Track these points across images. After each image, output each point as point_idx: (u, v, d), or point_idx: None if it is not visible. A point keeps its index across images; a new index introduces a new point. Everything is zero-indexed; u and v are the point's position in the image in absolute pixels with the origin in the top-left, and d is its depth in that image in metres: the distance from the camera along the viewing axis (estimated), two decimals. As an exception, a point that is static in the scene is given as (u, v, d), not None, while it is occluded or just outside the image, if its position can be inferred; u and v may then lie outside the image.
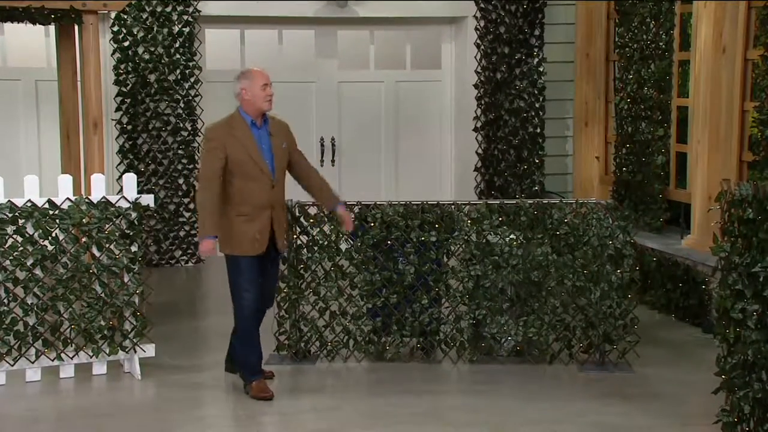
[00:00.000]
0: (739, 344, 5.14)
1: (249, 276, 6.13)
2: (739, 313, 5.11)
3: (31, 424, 5.95)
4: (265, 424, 5.86)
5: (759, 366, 5.09)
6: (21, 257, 6.44)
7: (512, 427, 5.76)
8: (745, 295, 5.09)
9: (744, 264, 5.10)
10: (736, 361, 5.19)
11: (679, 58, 9.15)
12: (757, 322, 5.05)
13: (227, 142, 6.04)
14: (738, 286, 5.12)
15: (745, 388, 5.17)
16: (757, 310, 5.06)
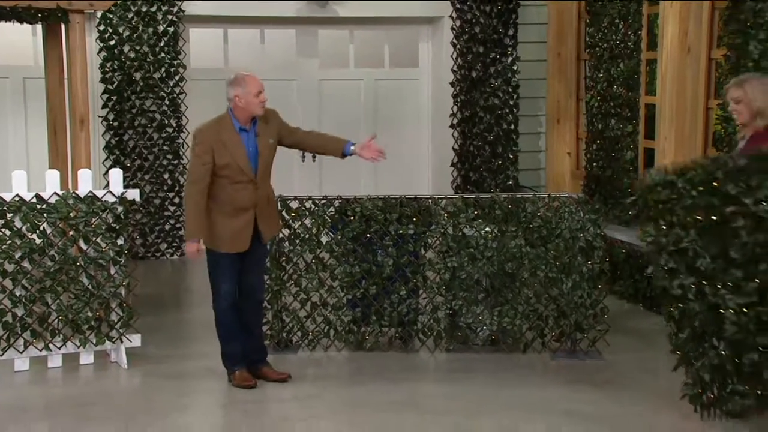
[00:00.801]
0: (685, 318, 5.27)
1: (227, 271, 6.10)
2: (678, 289, 5.25)
3: (19, 412, 5.91)
4: (248, 411, 5.84)
5: (708, 334, 5.22)
6: (9, 250, 6.41)
7: (487, 413, 5.77)
8: (680, 272, 5.23)
9: (671, 242, 5.24)
10: (687, 335, 5.32)
11: (647, 57, 9.18)
12: (695, 294, 5.19)
13: (214, 146, 5.99)
14: (671, 265, 5.25)
15: (701, 359, 5.29)
16: (693, 282, 5.20)
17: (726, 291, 5.14)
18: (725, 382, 5.28)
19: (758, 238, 5.03)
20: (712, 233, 5.16)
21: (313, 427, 5.63)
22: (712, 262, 5.18)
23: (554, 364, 6.75)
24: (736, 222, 5.08)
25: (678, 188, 5.20)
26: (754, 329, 5.10)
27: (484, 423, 5.62)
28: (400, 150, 11.22)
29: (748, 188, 5.04)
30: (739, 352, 5.19)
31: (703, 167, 5.19)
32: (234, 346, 6.24)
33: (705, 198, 5.15)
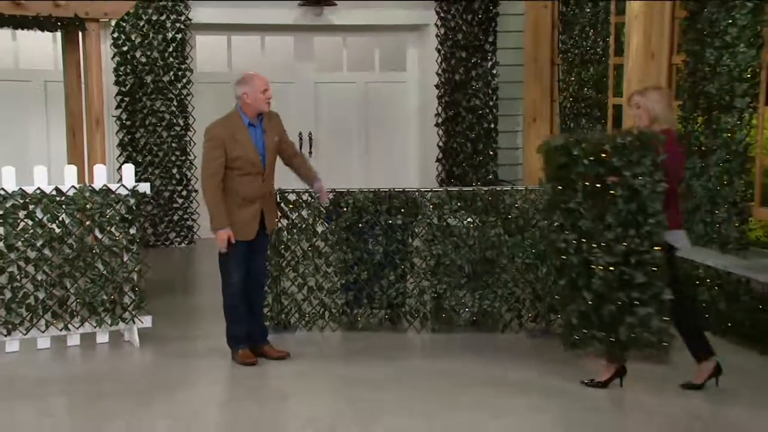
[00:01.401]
0: (565, 269, 5.53)
1: (238, 259, 6.08)
2: (562, 243, 5.51)
3: (41, 386, 5.90)
4: (250, 386, 5.85)
5: (580, 286, 5.49)
6: (31, 239, 6.40)
7: (469, 387, 5.78)
8: (565, 228, 5.50)
9: (562, 202, 5.51)
10: (564, 283, 5.57)
11: (614, 62, 9.19)
12: (575, 249, 5.47)
13: (226, 141, 5.97)
14: (560, 221, 5.53)
15: (572, 305, 5.54)
16: (574, 239, 5.47)
17: (599, 250, 5.41)
18: (588, 325, 5.53)
19: (631, 207, 5.35)
20: (595, 198, 5.43)
21: (311, 400, 5.62)
22: (591, 223, 5.44)
23: (530, 342, 6.76)
24: (615, 190, 5.37)
25: (573, 155, 5.46)
26: (616, 286, 5.39)
27: (467, 396, 5.62)
28: (389, 147, 11.25)
29: (629, 162, 5.33)
30: (601, 304, 5.45)
31: (596, 140, 5.48)
32: (239, 328, 6.24)
33: (593, 167, 5.41)
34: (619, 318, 5.44)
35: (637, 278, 5.39)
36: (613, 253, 5.39)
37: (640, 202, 5.38)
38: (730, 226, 7.30)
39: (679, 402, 5.52)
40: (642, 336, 5.44)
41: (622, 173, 5.35)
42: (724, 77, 7.26)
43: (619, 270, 5.40)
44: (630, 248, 5.39)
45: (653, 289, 5.42)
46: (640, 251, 5.40)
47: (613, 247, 5.39)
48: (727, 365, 6.20)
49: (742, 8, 7.08)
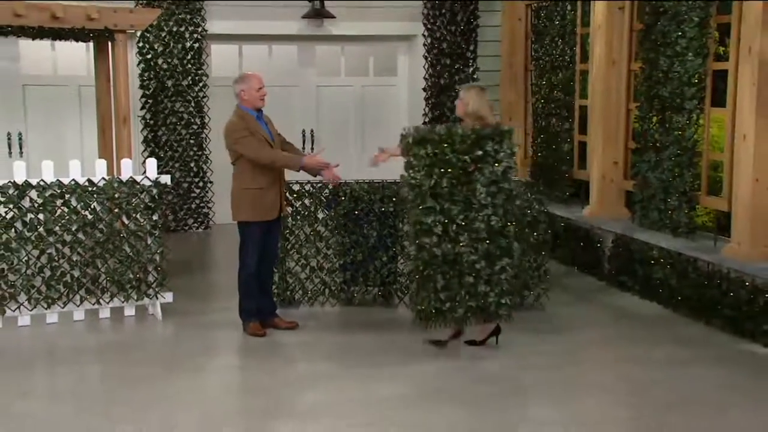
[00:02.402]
0: (427, 248, 5.54)
1: (256, 243, 6.10)
2: (431, 224, 5.52)
3: (78, 353, 5.94)
4: (261, 354, 5.88)
5: (443, 262, 5.55)
6: (67, 224, 6.42)
7: (453, 353, 5.83)
8: (433, 210, 5.51)
9: (430, 186, 5.51)
10: (426, 261, 5.57)
11: (580, 68, 9.22)
12: (441, 230, 5.52)
13: (250, 129, 6.00)
14: (427, 204, 5.51)
15: (432, 281, 5.58)
16: (440, 220, 5.51)
17: (461, 229, 5.53)
18: (440, 299, 5.61)
19: (491, 189, 5.54)
20: (459, 183, 5.53)
21: (314, 367, 5.66)
22: (455, 206, 5.53)
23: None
24: (475, 176, 5.53)
25: (441, 146, 5.52)
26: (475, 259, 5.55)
27: (450, 362, 5.66)
28: (382, 143, 11.14)
29: (493, 151, 5.54)
30: (461, 276, 5.57)
31: (461, 133, 5.56)
32: (250, 303, 6.26)
33: (456, 156, 5.52)
34: (478, 288, 5.59)
35: (494, 251, 5.57)
36: (474, 230, 5.53)
37: (499, 185, 5.56)
38: (680, 212, 7.36)
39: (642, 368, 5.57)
40: (499, 302, 5.62)
41: (485, 161, 5.52)
42: (676, 82, 7.30)
43: (478, 245, 5.55)
44: (489, 225, 5.56)
45: (507, 257, 5.62)
46: (498, 229, 5.58)
47: (474, 225, 5.54)
48: (677, 335, 6.28)
49: (690, 22, 7.12)
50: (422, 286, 5.63)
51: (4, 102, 9.88)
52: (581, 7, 9.13)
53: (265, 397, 5.09)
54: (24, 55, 9.86)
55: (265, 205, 6.09)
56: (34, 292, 6.38)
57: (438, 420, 4.70)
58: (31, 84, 9.98)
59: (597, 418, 4.76)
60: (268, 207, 6.10)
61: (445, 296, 5.60)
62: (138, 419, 4.73)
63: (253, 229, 6.11)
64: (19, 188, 6.25)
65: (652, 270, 7.14)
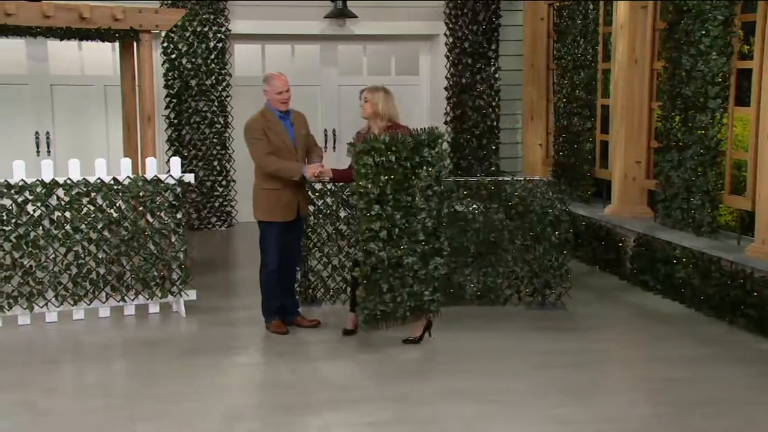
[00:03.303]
0: (375, 253, 5.65)
1: (276, 240, 6.11)
2: (377, 229, 5.64)
3: (104, 349, 6.00)
4: (282, 352, 5.90)
5: (388, 265, 5.70)
6: (93, 222, 6.47)
7: (475, 352, 5.83)
8: (381, 217, 5.64)
9: (376, 194, 5.63)
10: (374, 265, 5.69)
11: (603, 67, 9.17)
12: (386, 235, 5.66)
13: (266, 130, 6.01)
14: (375, 211, 5.62)
15: (376, 285, 5.72)
16: (385, 225, 5.65)
17: (401, 232, 5.69)
18: (394, 299, 5.75)
19: (425, 193, 5.69)
20: (401, 189, 5.67)
21: (336, 364, 5.67)
22: (397, 211, 5.66)
23: (528, 314, 6.80)
24: (414, 182, 5.68)
25: (385, 153, 5.62)
26: (413, 260, 5.72)
27: (473, 361, 5.67)
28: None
29: (423, 158, 5.68)
30: (403, 277, 5.74)
31: (402, 140, 5.68)
32: (273, 301, 6.28)
33: (398, 162, 5.64)
34: (415, 287, 5.77)
35: (428, 252, 5.75)
36: (413, 232, 5.69)
37: (433, 188, 5.72)
38: (703, 212, 7.30)
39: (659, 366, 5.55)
40: (432, 299, 5.82)
41: (421, 166, 5.67)
42: (699, 81, 7.24)
43: (416, 246, 5.71)
44: (425, 227, 5.72)
45: (439, 256, 5.80)
46: (431, 230, 5.75)
47: (413, 228, 5.70)
48: (700, 334, 6.24)
49: (714, 21, 7.05)
50: (370, 290, 5.76)
51: (33, 102, 9.99)
52: (604, 6, 9.08)
53: (286, 393, 5.11)
54: (52, 55, 9.96)
55: (282, 206, 6.09)
56: (61, 288, 6.45)
57: (451, 415, 4.70)
58: (58, 84, 10.08)
59: (620, 417, 4.73)
60: (284, 208, 6.09)
61: (389, 298, 5.76)
62: (162, 414, 4.76)
63: (272, 228, 6.12)
64: (46, 186, 6.32)
65: (674, 269, 7.09)
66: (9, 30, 7.06)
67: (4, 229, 6.24)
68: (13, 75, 9.91)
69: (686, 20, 7.35)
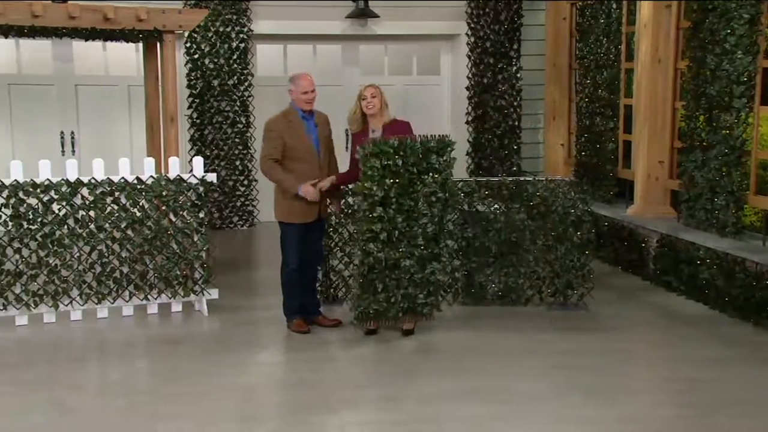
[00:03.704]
0: (374, 254, 5.73)
1: (296, 240, 6.12)
2: (377, 231, 5.76)
3: (128, 347, 6.06)
4: (303, 350, 5.92)
5: (385, 266, 5.82)
6: (117, 221, 6.52)
7: (497, 353, 5.82)
8: (383, 219, 5.78)
9: (380, 197, 5.76)
10: (370, 265, 5.82)
11: (625, 67, 9.12)
12: (386, 237, 5.80)
13: (284, 131, 6.02)
14: (377, 212, 5.77)
15: (372, 284, 5.87)
16: (385, 227, 5.78)
17: (401, 236, 5.82)
18: (388, 299, 5.92)
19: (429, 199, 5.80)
20: (405, 193, 5.79)
21: (357, 363, 5.68)
22: (399, 214, 5.80)
23: (550, 314, 6.77)
24: (418, 187, 5.80)
25: (392, 157, 5.73)
26: (411, 263, 5.85)
27: (494, 361, 5.66)
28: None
29: (430, 164, 5.78)
30: (399, 279, 5.88)
31: (410, 145, 5.78)
32: (294, 301, 6.30)
33: (405, 167, 5.76)
34: (409, 290, 5.91)
35: (427, 257, 5.88)
36: (413, 236, 5.82)
37: (437, 195, 5.81)
38: (727, 212, 7.24)
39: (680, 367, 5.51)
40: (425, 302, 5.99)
41: (428, 172, 5.79)
42: (724, 80, 7.18)
43: (415, 251, 5.84)
44: (426, 233, 5.84)
45: (437, 262, 5.92)
46: (432, 236, 5.86)
47: (413, 232, 5.83)
48: (724, 335, 6.19)
49: (739, 19, 7.00)
50: (364, 289, 5.89)
51: (58, 102, 10.10)
52: (627, 5, 9.03)
53: (307, 392, 5.13)
54: (77, 56, 10.06)
55: (301, 208, 6.08)
56: (85, 287, 6.51)
57: (471, 414, 4.69)
58: (83, 84, 10.18)
59: (642, 418, 4.70)
60: (303, 209, 6.09)
61: (383, 298, 5.91)
62: (183, 412, 4.79)
63: (291, 228, 6.13)
64: (71, 186, 6.38)
65: (698, 270, 7.04)
66: (36, 31, 7.14)
67: (30, 228, 6.30)
68: (39, 75, 10.03)
69: (711, 19, 7.29)
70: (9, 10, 6.94)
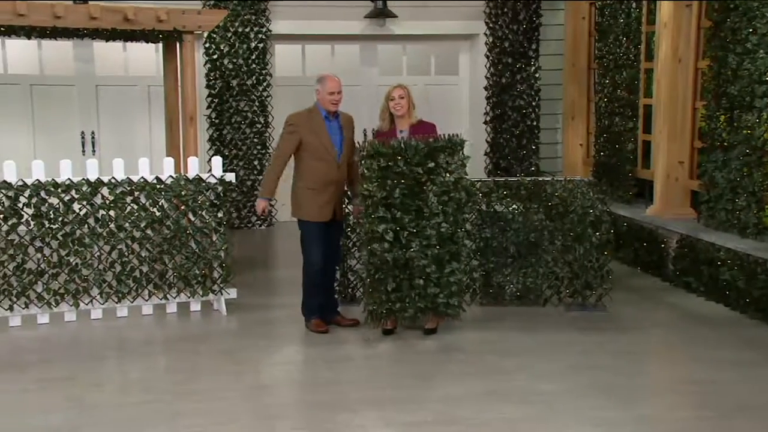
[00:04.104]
0: (380, 254, 5.78)
1: (316, 238, 6.13)
2: (382, 232, 5.79)
3: (147, 345, 6.10)
4: (321, 349, 5.93)
5: (395, 267, 5.86)
6: (136, 221, 6.57)
7: (516, 353, 5.81)
8: (386, 219, 5.78)
9: (382, 197, 5.66)
10: (378, 266, 5.84)
11: (645, 66, 9.07)
12: (392, 237, 5.81)
13: (303, 128, 6.04)
14: (380, 213, 5.76)
15: (383, 284, 5.88)
16: (392, 227, 5.80)
17: (412, 236, 5.83)
18: (393, 303, 5.92)
19: (442, 199, 5.81)
20: (411, 194, 5.81)
21: (376, 363, 5.69)
22: (406, 214, 5.81)
23: (568, 315, 6.74)
24: (428, 187, 5.81)
25: (395, 159, 5.77)
26: (426, 263, 5.85)
27: (513, 361, 5.65)
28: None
29: (438, 164, 5.80)
30: (412, 278, 5.88)
31: (414, 145, 5.80)
32: (313, 300, 6.30)
33: (409, 167, 5.78)
34: (432, 288, 5.90)
35: (444, 256, 5.86)
36: (425, 236, 5.82)
37: (450, 194, 5.81)
38: (749, 213, 7.18)
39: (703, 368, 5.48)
40: (447, 302, 5.95)
41: (437, 172, 5.79)
42: (745, 80, 7.13)
43: (429, 250, 5.84)
44: (439, 232, 5.83)
45: (456, 262, 5.92)
46: (448, 235, 5.85)
47: (425, 231, 5.83)
48: (744, 337, 6.15)
49: (762, 18, 6.94)
50: (375, 288, 5.92)
51: (79, 102, 10.18)
52: (647, 4, 8.98)
53: (326, 391, 5.14)
54: (98, 56, 10.14)
55: (317, 207, 6.10)
56: (105, 286, 6.56)
57: (490, 415, 4.69)
58: (103, 84, 10.26)
59: (660, 419, 4.68)
60: (319, 209, 6.10)
61: (396, 297, 5.91)
62: (203, 411, 4.82)
63: (311, 226, 6.15)
64: (92, 185, 6.43)
65: (718, 271, 6.99)
66: (58, 32, 7.21)
67: (52, 227, 6.36)
68: (61, 76, 10.13)
69: (733, 18, 7.24)
70: (31, 11, 7.02)
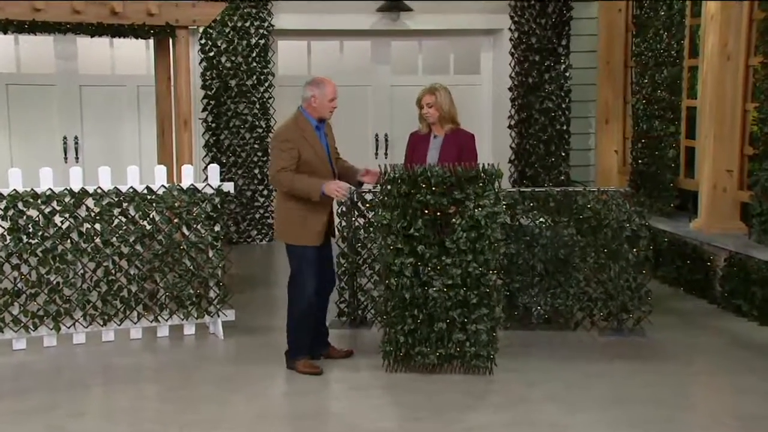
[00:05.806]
0: (397, 290, 5.73)
1: (312, 267, 5.95)
2: (399, 266, 5.74)
3: (134, 372, 6.11)
4: (326, 377, 5.93)
5: (412, 305, 5.80)
6: (125, 235, 6.59)
7: (543, 383, 5.79)
8: (404, 252, 5.73)
9: (401, 227, 5.72)
10: (395, 303, 5.79)
11: (689, 64, 9.06)
12: (411, 272, 5.75)
13: (300, 144, 5.85)
14: (398, 245, 5.72)
15: (401, 324, 5.82)
16: (411, 262, 5.74)
17: (434, 273, 5.75)
18: (413, 344, 5.85)
19: (470, 235, 5.69)
20: (435, 226, 5.75)
21: (387, 393, 5.68)
22: (429, 249, 5.74)
23: (602, 341, 6.72)
24: (455, 219, 5.72)
25: (417, 184, 5.72)
26: (449, 305, 5.76)
27: (540, 391, 5.63)
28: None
29: (474, 195, 5.71)
30: (432, 321, 5.80)
31: (440, 173, 5.74)
32: (305, 335, 6.08)
33: (435, 197, 5.72)
34: (448, 333, 5.81)
35: (472, 299, 5.75)
36: (449, 275, 5.73)
37: (480, 230, 5.68)
38: (804, 227, 7.15)
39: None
40: (470, 350, 5.82)
41: (465, 204, 5.70)
42: (801, 79, 7.11)
43: (454, 291, 5.75)
44: (466, 272, 5.73)
45: (486, 308, 5.78)
46: (476, 275, 5.72)
47: (449, 270, 5.73)
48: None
49: (819, 10, 6.93)
50: (391, 326, 5.86)
51: (60, 104, 10.25)
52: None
53: (335, 423, 5.15)
54: (82, 53, 10.21)
55: (314, 230, 5.92)
56: (89, 307, 6.58)
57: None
58: (87, 84, 10.34)
59: (707, 459, 4.65)
60: (318, 232, 5.93)
61: (414, 340, 5.85)
62: (198, 446, 4.83)
63: (308, 251, 5.94)
64: (75, 196, 6.46)
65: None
66: (37, 26, 7.26)
67: (30, 243, 6.38)
68: (40, 75, 10.19)
69: (786, 10, 7.23)
70: (7, 3, 7.07)
